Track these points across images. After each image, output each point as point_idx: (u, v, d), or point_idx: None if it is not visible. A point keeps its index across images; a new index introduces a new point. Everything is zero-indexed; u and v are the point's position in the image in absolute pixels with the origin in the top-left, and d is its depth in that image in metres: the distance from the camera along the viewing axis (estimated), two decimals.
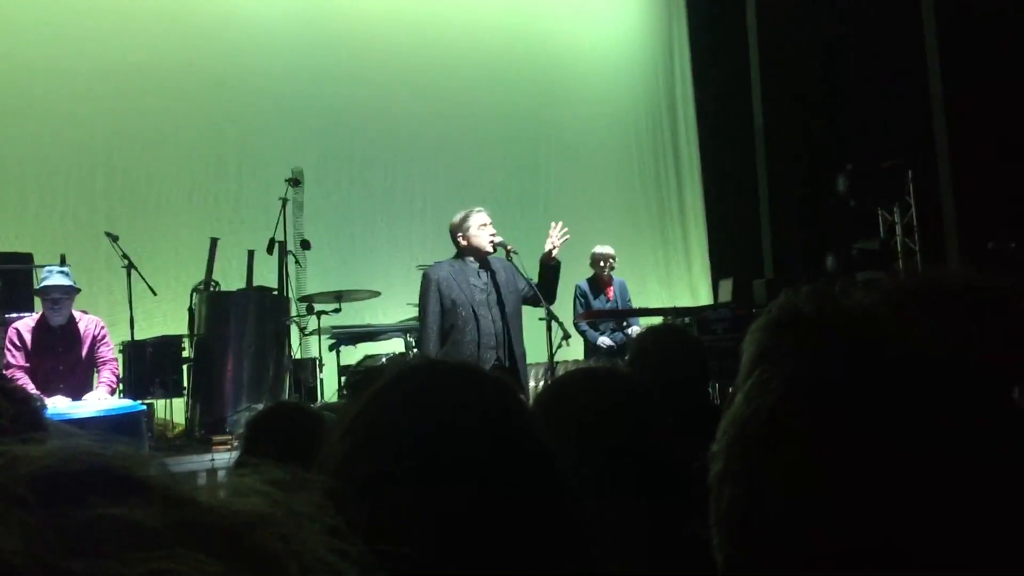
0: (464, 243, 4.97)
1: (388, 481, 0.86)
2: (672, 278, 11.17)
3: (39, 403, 1.52)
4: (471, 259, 4.97)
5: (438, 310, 4.88)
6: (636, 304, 8.22)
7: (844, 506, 0.64)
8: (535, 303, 5.02)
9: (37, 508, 0.43)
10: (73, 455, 0.46)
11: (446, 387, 0.94)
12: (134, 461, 0.48)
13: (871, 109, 9.31)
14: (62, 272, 5.56)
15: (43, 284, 5.52)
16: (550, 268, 5.04)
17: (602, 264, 7.71)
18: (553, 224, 5.08)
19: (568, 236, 5.06)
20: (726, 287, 9.88)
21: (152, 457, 0.51)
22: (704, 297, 10.86)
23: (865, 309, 0.70)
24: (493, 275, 4.96)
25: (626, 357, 2.81)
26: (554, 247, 5.02)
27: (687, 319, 8.41)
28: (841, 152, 9.40)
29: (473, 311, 4.84)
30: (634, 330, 7.51)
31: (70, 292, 5.54)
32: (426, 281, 4.97)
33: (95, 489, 0.45)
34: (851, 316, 0.70)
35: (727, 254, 11.03)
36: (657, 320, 8.13)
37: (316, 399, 7.09)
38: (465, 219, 4.97)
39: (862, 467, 0.64)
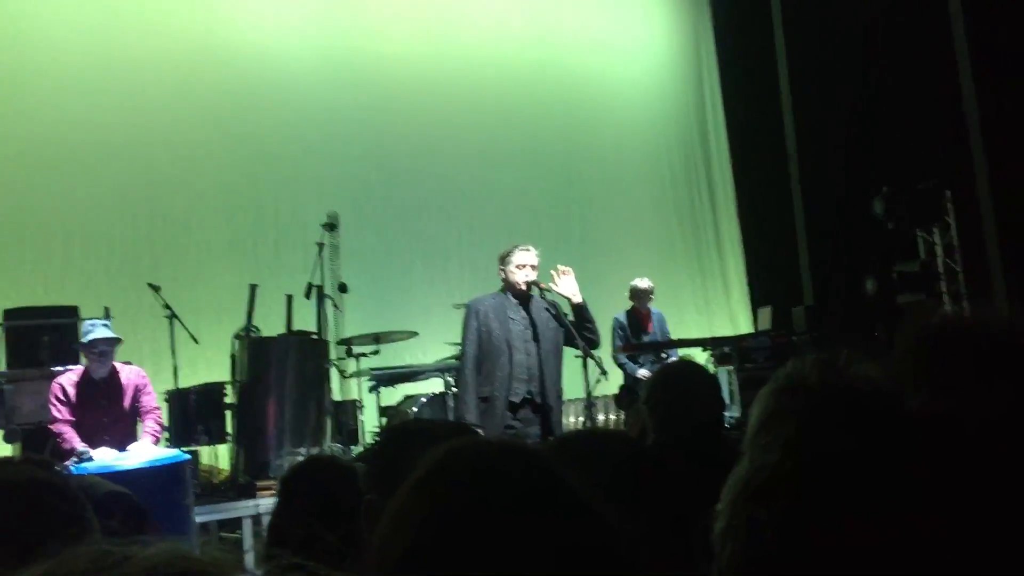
0: (503, 277, 5.13)
1: None
2: (711, 307, 11.11)
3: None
4: (510, 294, 5.05)
5: (476, 339, 5.02)
6: (675, 334, 8.17)
7: (830, 555, 0.70)
8: (571, 343, 5.06)
9: None
10: (172, 559, 0.51)
11: (494, 474, 0.85)
12: (225, 566, 0.53)
13: (905, 130, 9.22)
14: (105, 325, 5.67)
15: (89, 338, 5.55)
16: (574, 308, 5.10)
17: (642, 299, 7.70)
18: (552, 271, 5.14)
19: (567, 271, 5.10)
20: (765, 315, 9.81)
21: (240, 563, 0.54)
22: (744, 325, 10.77)
23: (866, 381, 0.73)
24: (531, 312, 5.03)
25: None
26: (569, 295, 5.08)
27: (726, 348, 8.35)
28: (877, 174, 9.31)
29: (508, 344, 4.95)
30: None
31: (114, 343, 5.65)
32: (468, 312, 5.15)
33: None
34: (851, 387, 0.73)
35: (765, 282, 10.95)
36: (695, 351, 8.08)
37: (357, 441, 7.13)
38: (508, 255, 5.11)
39: (850, 524, 0.70)
